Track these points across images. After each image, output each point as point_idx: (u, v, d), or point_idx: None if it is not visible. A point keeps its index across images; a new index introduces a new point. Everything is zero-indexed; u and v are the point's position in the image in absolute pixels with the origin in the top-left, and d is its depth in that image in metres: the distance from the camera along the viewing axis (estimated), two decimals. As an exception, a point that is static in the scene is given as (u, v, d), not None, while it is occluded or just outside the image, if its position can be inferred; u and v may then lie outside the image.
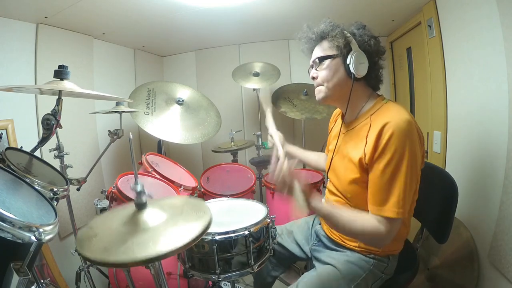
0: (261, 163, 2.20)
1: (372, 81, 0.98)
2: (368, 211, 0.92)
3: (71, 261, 1.56)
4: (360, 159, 0.90)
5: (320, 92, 1.01)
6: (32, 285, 0.78)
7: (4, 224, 0.62)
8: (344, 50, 0.93)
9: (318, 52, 1.01)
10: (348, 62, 0.93)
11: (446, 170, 1.37)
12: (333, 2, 1.77)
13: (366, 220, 0.88)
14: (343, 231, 0.99)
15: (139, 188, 0.82)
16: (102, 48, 2.11)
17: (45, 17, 1.56)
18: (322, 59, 0.98)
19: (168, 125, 1.91)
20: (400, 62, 2.37)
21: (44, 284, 0.82)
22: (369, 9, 1.87)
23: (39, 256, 1.41)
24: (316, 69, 1.01)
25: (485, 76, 1.28)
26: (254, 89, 2.35)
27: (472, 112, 1.39)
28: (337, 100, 1.03)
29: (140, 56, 2.60)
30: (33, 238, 0.66)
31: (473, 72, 1.36)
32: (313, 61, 1.01)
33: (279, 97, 2.34)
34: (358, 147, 0.92)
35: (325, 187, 1.20)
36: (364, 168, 0.90)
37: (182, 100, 2.07)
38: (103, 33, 2.02)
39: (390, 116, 0.86)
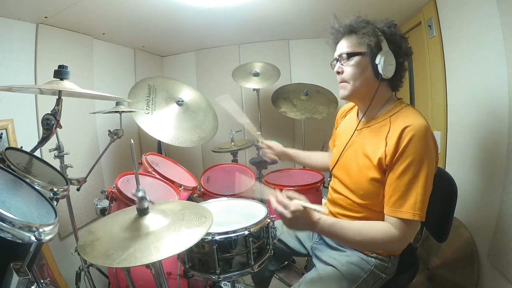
0: (261, 163, 2.20)
1: (395, 82, 0.97)
2: (377, 210, 0.92)
3: (71, 261, 1.56)
4: (380, 160, 0.89)
5: (345, 89, 0.98)
6: (32, 285, 0.78)
7: (4, 224, 0.62)
8: (375, 49, 0.91)
9: (345, 46, 0.97)
10: (377, 62, 0.91)
11: (446, 170, 1.37)
12: (333, 2, 1.77)
13: (378, 225, 0.88)
14: (355, 242, 0.91)
15: (140, 194, 0.82)
16: (102, 48, 2.11)
17: (45, 17, 1.56)
18: (351, 55, 0.94)
19: (167, 126, 1.91)
20: (400, 62, 2.36)
21: (44, 284, 0.82)
22: (369, 9, 1.86)
23: (39, 256, 1.41)
24: (342, 64, 0.97)
25: (485, 76, 1.28)
26: (254, 89, 2.35)
27: (472, 112, 1.39)
28: (360, 98, 1.01)
29: (140, 56, 2.60)
30: (33, 238, 0.66)
31: (473, 72, 1.36)
32: (339, 55, 0.97)
33: (279, 97, 2.34)
34: (378, 147, 0.91)
35: (326, 187, 1.19)
36: (383, 169, 0.90)
37: (182, 101, 2.07)
38: (103, 33, 2.02)
39: (410, 120, 0.86)
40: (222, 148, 2.29)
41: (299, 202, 0.86)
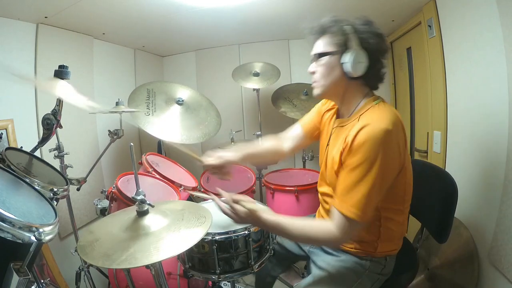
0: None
1: (370, 80, 0.95)
2: None
3: (71, 261, 1.56)
4: (340, 158, 0.91)
5: (316, 88, 1.00)
6: (32, 285, 0.78)
7: (4, 224, 0.62)
8: (343, 48, 0.91)
9: (318, 47, 0.98)
10: (345, 60, 0.90)
11: (446, 170, 1.37)
12: (333, 2, 1.77)
13: (319, 226, 0.92)
14: (298, 240, 1.02)
15: (140, 197, 0.83)
16: (102, 48, 2.11)
17: (45, 17, 1.56)
18: (320, 55, 0.96)
19: (168, 125, 1.91)
20: (400, 62, 2.37)
21: (44, 284, 0.82)
22: (369, 9, 1.87)
23: (39, 256, 1.41)
24: (315, 64, 0.99)
25: (485, 76, 1.28)
26: (254, 89, 2.35)
27: (472, 112, 1.39)
28: (332, 97, 1.03)
29: (140, 56, 2.60)
30: (33, 238, 0.66)
31: (473, 72, 1.36)
32: (312, 56, 1.00)
33: (279, 97, 2.34)
34: (340, 145, 0.92)
35: None
36: (342, 165, 0.91)
37: (182, 100, 2.07)
38: (103, 33, 2.02)
39: (370, 120, 0.85)
40: (222, 148, 2.29)
41: (244, 204, 0.94)
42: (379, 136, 0.81)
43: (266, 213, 0.93)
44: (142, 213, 0.84)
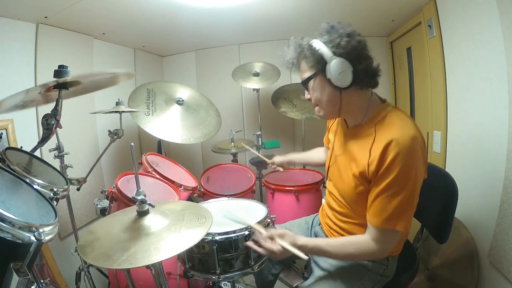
0: (261, 163, 2.20)
1: (363, 81, 0.89)
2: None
3: (71, 261, 1.56)
4: (363, 172, 0.88)
5: (318, 111, 0.99)
6: (32, 285, 0.78)
7: (4, 224, 0.62)
8: (320, 65, 0.87)
9: (301, 76, 0.97)
10: (328, 76, 0.86)
11: (446, 170, 1.37)
12: (333, 3, 1.76)
13: (357, 241, 0.92)
14: (338, 258, 0.99)
15: (140, 197, 0.83)
16: (102, 48, 2.11)
17: (45, 17, 1.56)
18: (305, 83, 0.95)
19: (169, 125, 1.91)
20: (400, 62, 2.37)
21: (44, 284, 0.82)
22: (369, 9, 1.87)
23: (39, 256, 1.41)
24: (308, 92, 0.98)
25: (485, 76, 1.28)
26: (254, 89, 2.36)
27: (472, 112, 1.39)
28: (338, 114, 0.97)
29: (140, 56, 2.60)
30: (33, 238, 0.66)
31: (473, 72, 1.36)
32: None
33: (279, 97, 2.34)
34: (362, 158, 0.89)
35: (326, 187, 1.19)
36: (367, 179, 0.89)
37: (182, 100, 2.08)
38: (103, 33, 2.01)
39: (395, 132, 0.83)
40: (223, 149, 2.29)
41: (280, 243, 0.92)
42: (410, 148, 0.81)
43: (301, 240, 0.93)
44: (142, 213, 0.84)
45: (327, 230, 1.13)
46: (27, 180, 0.90)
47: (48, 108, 1.05)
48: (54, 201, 0.94)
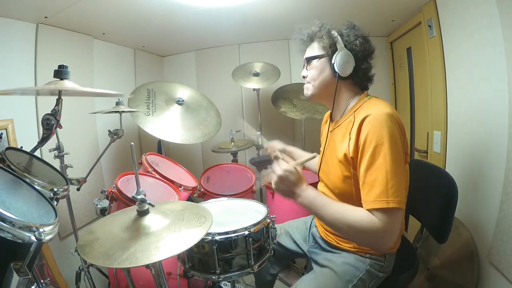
0: (261, 163, 2.20)
1: (359, 80, 1.00)
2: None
3: (71, 261, 1.56)
4: (345, 155, 0.92)
5: (307, 89, 1.06)
6: (32, 285, 0.78)
7: (4, 224, 0.62)
8: (330, 50, 0.97)
9: (308, 52, 1.05)
10: (333, 61, 0.95)
11: (446, 170, 1.37)
12: (333, 2, 1.76)
13: (359, 213, 0.84)
14: (332, 223, 0.89)
15: (140, 197, 0.83)
16: (102, 48, 2.11)
17: (45, 17, 1.56)
18: (310, 59, 1.03)
19: (169, 125, 1.91)
20: (400, 62, 2.37)
21: (44, 284, 0.82)
22: (369, 9, 1.87)
23: (39, 256, 1.41)
24: (306, 69, 1.05)
25: (485, 76, 1.28)
26: (254, 89, 2.35)
27: (472, 112, 1.39)
28: (323, 98, 1.06)
29: (140, 56, 2.60)
30: (33, 238, 0.66)
31: (473, 72, 1.36)
32: (304, 62, 1.06)
33: (279, 97, 2.34)
34: (343, 143, 0.94)
35: None
36: (350, 163, 0.91)
37: (182, 100, 2.08)
38: (103, 33, 2.01)
39: (370, 110, 0.88)
40: (223, 148, 2.29)
41: (292, 163, 0.94)
42: (382, 119, 0.84)
43: (305, 186, 0.91)
44: (142, 213, 0.85)
45: (322, 232, 1.14)
46: (27, 180, 0.90)
47: (48, 108, 1.05)
48: (54, 201, 0.94)
